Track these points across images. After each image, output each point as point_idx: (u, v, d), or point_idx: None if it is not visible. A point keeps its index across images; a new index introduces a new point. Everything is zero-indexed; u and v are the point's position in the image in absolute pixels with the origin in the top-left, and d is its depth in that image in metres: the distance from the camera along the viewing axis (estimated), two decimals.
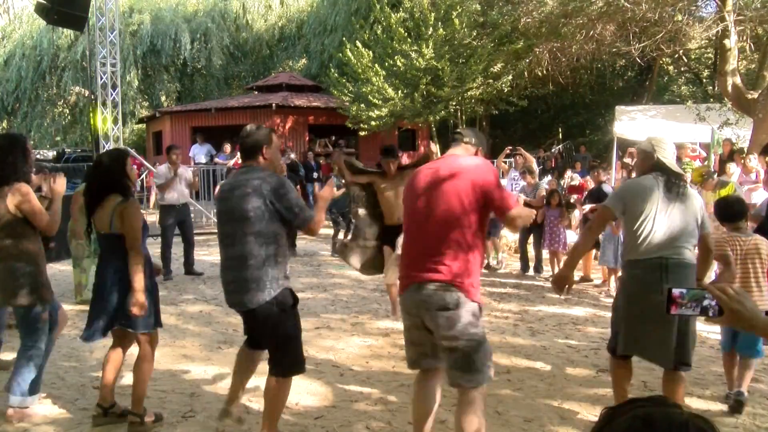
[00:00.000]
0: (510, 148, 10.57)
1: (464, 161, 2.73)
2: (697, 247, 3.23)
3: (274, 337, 2.89)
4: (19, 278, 3.36)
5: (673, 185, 3.09)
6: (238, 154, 14.87)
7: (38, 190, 4.72)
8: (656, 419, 0.93)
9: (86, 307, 6.21)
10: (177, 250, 7.98)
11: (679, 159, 10.07)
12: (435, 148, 14.26)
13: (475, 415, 2.59)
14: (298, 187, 10.92)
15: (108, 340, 3.50)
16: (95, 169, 3.39)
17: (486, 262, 8.55)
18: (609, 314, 5.81)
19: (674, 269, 3.00)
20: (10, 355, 4.47)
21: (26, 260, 3.39)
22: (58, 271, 7.92)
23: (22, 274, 3.36)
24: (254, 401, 3.72)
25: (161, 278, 7.68)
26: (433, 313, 2.58)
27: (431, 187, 2.66)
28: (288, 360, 2.90)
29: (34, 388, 3.44)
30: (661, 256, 3.02)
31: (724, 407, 3.59)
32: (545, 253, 8.02)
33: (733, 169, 7.37)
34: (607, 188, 7.50)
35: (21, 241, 3.38)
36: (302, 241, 11.51)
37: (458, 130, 3.07)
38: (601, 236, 6.97)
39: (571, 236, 7.90)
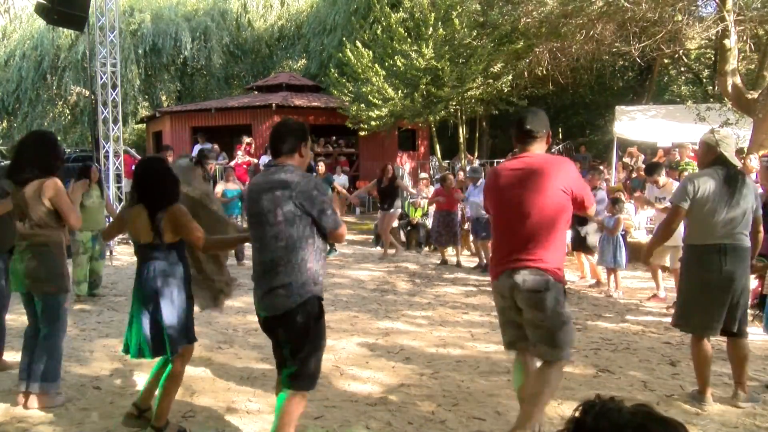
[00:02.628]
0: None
1: (549, 161, 2.98)
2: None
3: (296, 346, 2.73)
4: (44, 266, 3.52)
5: (733, 178, 3.43)
6: (239, 154, 14.89)
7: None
8: (649, 427, 0.96)
9: (84, 306, 6.22)
10: None
11: (679, 159, 10.10)
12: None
13: (548, 386, 2.90)
14: None
15: (110, 340, 3.49)
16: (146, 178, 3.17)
17: (484, 263, 8.59)
18: (608, 314, 5.82)
19: (731, 253, 3.41)
20: (8, 356, 4.47)
21: (54, 250, 3.58)
22: None
23: (49, 263, 3.54)
24: (254, 401, 3.72)
25: None
26: (525, 294, 2.88)
27: (522, 186, 2.90)
28: (307, 373, 2.75)
29: (55, 375, 3.57)
30: (721, 242, 3.41)
31: (724, 407, 3.59)
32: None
33: None
34: (601, 194, 7.30)
35: (52, 232, 3.57)
36: None
37: (528, 126, 2.99)
38: (598, 237, 6.97)
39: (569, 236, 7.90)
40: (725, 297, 3.42)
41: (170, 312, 3.05)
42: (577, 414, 1.03)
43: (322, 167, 9.86)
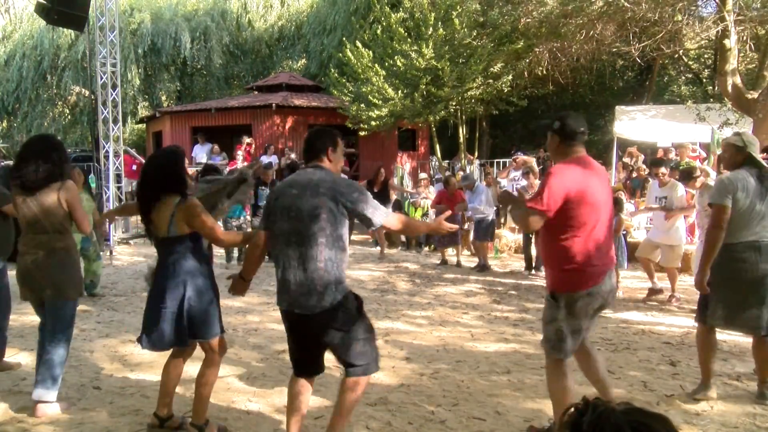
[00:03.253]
0: (515, 158, 10.65)
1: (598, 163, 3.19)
2: None
3: (342, 340, 2.78)
4: (67, 272, 3.50)
5: (765, 178, 3.58)
6: (240, 154, 14.85)
7: None
8: (649, 424, 0.97)
9: (84, 306, 6.22)
10: None
11: (679, 159, 10.10)
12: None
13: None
14: None
15: (110, 340, 3.50)
16: (151, 170, 3.19)
17: (481, 263, 8.59)
18: (609, 314, 5.82)
19: (766, 250, 3.54)
20: (8, 356, 4.47)
21: (73, 254, 3.59)
22: None
23: (70, 268, 3.53)
24: (254, 401, 3.72)
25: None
26: (614, 293, 3.10)
27: (601, 185, 3.01)
28: (365, 358, 2.81)
29: (57, 382, 3.51)
30: (756, 240, 3.54)
31: (725, 407, 3.59)
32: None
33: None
34: None
35: (67, 236, 3.55)
36: None
37: (582, 128, 3.06)
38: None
39: None
40: (757, 294, 3.50)
41: (196, 303, 3.04)
42: (569, 418, 1.04)
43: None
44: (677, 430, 1.01)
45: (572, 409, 1.05)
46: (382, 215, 2.85)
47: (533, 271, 8.16)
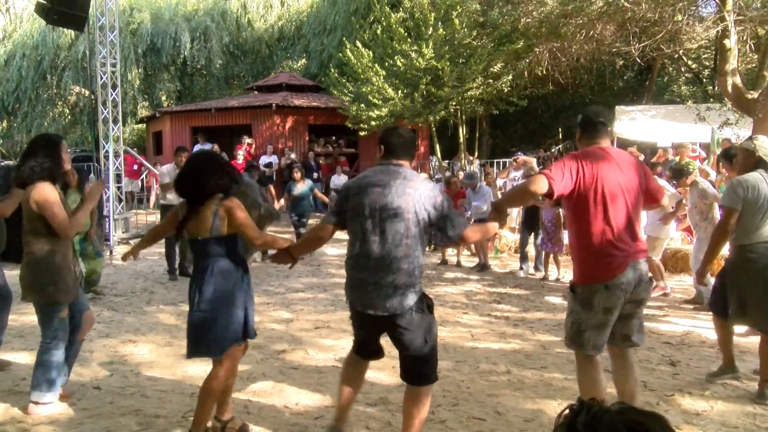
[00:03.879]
0: (515, 158, 10.67)
1: (628, 154, 3.17)
2: None
3: (413, 343, 2.78)
4: (39, 276, 3.46)
5: None
6: (240, 153, 14.84)
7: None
8: (643, 422, 0.98)
9: None
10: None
11: (679, 159, 10.10)
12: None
13: (637, 374, 3.19)
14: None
15: (110, 340, 3.49)
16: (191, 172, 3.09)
17: (480, 263, 8.60)
18: None
19: None
20: (8, 356, 4.47)
21: (49, 259, 3.49)
22: None
23: (42, 273, 3.46)
24: (254, 401, 3.72)
25: (168, 278, 7.71)
26: (647, 284, 2.99)
27: (623, 176, 2.93)
28: (428, 367, 2.83)
29: (53, 385, 3.48)
30: None
31: (725, 407, 3.59)
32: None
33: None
34: None
35: (41, 240, 3.46)
36: None
37: (601, 118, 3.09)
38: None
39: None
40: None
41: (226, 312, 2.98)
42: (564, 420, 1.04)
43: (298, 174, 9.58)
44: (673, 429, 1.01)
45: (567, 411, 1.05)
46: (462, 228, 2.84)
47: (531, 271, 8.17)
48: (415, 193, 2.73)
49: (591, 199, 2.89)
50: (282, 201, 9.86)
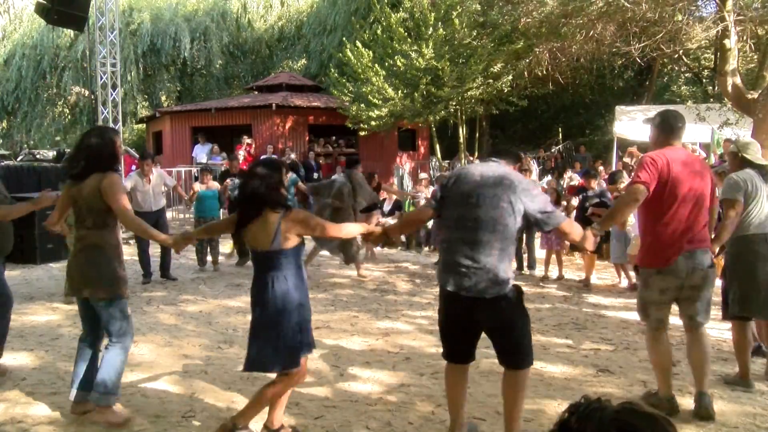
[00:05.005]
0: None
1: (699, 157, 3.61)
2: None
3: (507, 329, 2.93)
4: (106, 269, 3.34)
5: (765, 175, 3.99)
6: (240, 153, 14.80)
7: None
8: (632, 421, 0.97)
9: None
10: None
11: None
12: None
13: (707, 348, 3.49)
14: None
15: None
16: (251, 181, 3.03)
17: None
18: (609, 314, 5.82)
19: None
20: (8, 356, 4.47)
21: (108, 252, 3.40)
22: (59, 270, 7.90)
23: (104, 267, 3.34)
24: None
25: (141, 281, 7.55)
26: (703, 272, 3.35)
27: (690, 176, 3.31)
28: (522, 352, 2.96)
29: (110, 387, 3.32)
30: (764, 231, 3.90)
31: (724, 408, 3.58)
32: (542, 253, 8.04)
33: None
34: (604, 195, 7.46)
35: (103, 230, 3.40)
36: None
37: (680, 123, 3.45)
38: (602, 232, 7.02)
39: None
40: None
41: (292, 326, 2.94)
42: (562, 417, 1.05)
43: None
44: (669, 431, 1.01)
45: (568, 408, 1.05)
46: (558, 219, 3.00)
47: (527, 271, 8.21)
48: (512, 185, 2.90)
49: (660, 195, 3.29)
50: None
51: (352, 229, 3.49)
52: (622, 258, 7.02)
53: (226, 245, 9.12)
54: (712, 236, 3.73)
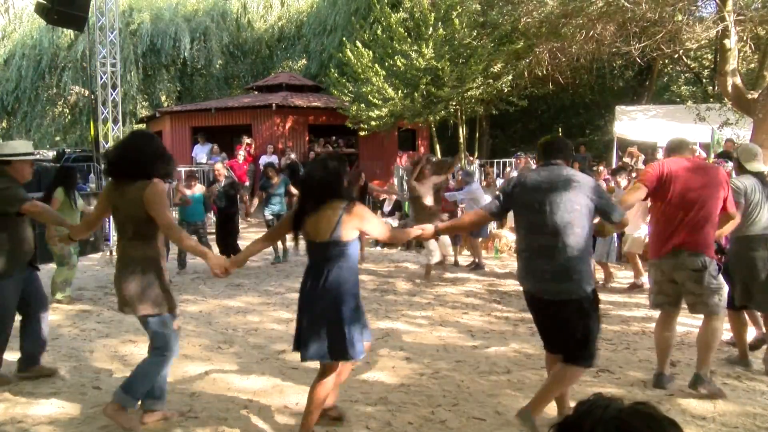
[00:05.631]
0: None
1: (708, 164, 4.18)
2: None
3: (578, 329, 3.03)
4: (154, 285, 3.20)
5: (764, 181, 4.26)
6: (240, 153, 14.78)
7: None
8: (627, 421, 0.97)
9: (84, 306, 6.22)
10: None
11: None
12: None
13: (718, 332, 3.75)
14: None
15: (110, 340, 3.49)
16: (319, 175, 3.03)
17: (475, 261, 8.62)
18: (608, 314, 5.82)
19: None
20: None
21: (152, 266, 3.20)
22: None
23: (155, 281, 3.19)
24: (254, 401, 3.72)
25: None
26: (690, 272, 3.67)
27: (695, 183, 3.67)
28: (587, 352, 3.06)
29: (130, 394, 3.23)
30: (764, 233, 4.16)
31: (724, 408, 3.59)
32: None
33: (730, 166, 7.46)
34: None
35: (148, 242, 3.22)
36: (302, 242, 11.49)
37: (685, 144, 3.96)
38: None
39: None
40: None
41: (352, 315, 2.96)
42: (571, 412, 1.05)
43: (273, 172, 9.33)
44: None
45: (578, 402, 1.06)
46: (622, 213, 3.20)
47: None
48: (580, 186, 3.06)
49: (664, 196, 3.70)
50: (255, 200, 9.77)
51: (404, 234, 3.47)
52: (605, 257, 7.31)
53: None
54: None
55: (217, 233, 8.63)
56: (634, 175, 11.71)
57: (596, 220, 3.31)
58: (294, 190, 9.41)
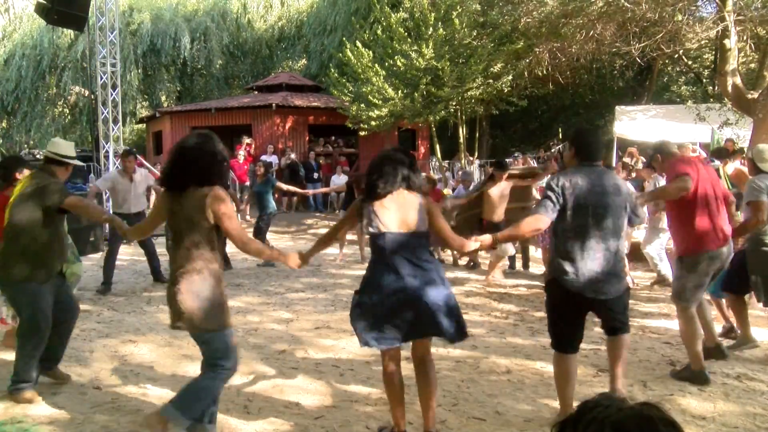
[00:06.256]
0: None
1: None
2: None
3: (624, 314, 3.36)
4: (214, 299, 2.98)
5: None
6: (241, 153, 14.79)
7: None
8: (624, 422, 0.96)
9: (84, 306, 6.22)
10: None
11: None
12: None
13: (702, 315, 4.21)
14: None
15: (110, 340, 3.49)
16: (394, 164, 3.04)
17: (470, 260, 8.65)
18: None
19: None
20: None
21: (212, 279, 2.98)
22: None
23: (215, 294, 2.99)
24: (254, 401, 3.72)
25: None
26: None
27: (709, 182, 4.04)
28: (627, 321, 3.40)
29: (182, 410, 2.99)
30: None
31: (724, 408, 3.59)
32: (540, 252, 8.08)
33: (730, 167, 7.44)
34: None
35: (209, 253, 2.98)
36: (302, 242, 11.50)
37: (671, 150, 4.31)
38: None
39: None
40: None
41: (449, 295, 3.03)
42: (560, 418, 1.05)
43: (260, 169, 9.19)
44: None
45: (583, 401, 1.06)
46: (640, 216, 3.52)
47: (522, 270, 8.29)
48: (626, 192, 3.32)
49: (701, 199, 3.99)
50: (245, 201, 9.71)
51: (460, 242, 3.40)
52: None
53: None
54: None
55: None
56: (633, 175, 11.73)
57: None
58: (283, 187, 9.45)
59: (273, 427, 3.37)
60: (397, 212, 2.97)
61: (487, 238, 3.44)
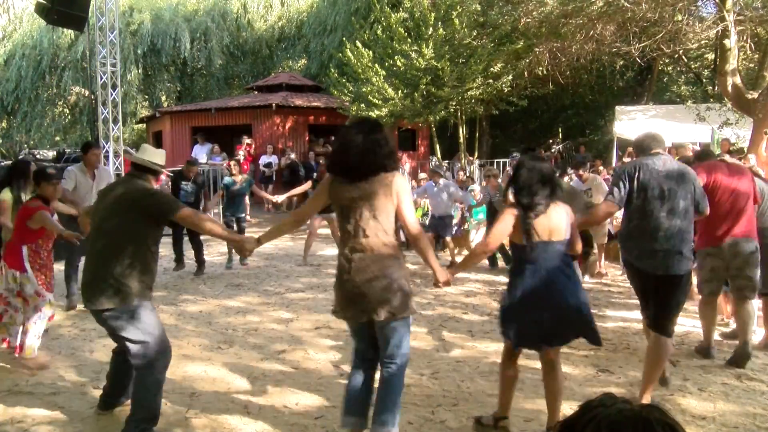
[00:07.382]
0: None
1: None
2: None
3: (675, 301, 3.51)
4: (401, 284, 2.95)
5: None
6: (241, 153, 14.77)
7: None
8: (620, 423, 0.96)
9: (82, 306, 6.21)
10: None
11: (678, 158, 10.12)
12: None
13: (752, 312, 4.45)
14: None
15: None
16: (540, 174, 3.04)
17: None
18: (608, 314, 5.82)
19: None
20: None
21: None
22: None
23: (401, 279, 2.95)
24: (254, 401, 3.72)
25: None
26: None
27: (736, 183, 4.30)
28: (673, 322, 3.56)
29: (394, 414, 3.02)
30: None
31: (724, 408, 3.59)
32: None
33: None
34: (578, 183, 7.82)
35: (391, 239, 2.96)
36: (301, 242, 11.50)
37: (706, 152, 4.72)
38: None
39: None
40: None
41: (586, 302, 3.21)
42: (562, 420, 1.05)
43: (235, 168, 8.81)
44: None
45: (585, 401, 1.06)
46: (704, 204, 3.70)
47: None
48: (691, 177, 3.52)
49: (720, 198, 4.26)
50: (216, 198, 9.31)
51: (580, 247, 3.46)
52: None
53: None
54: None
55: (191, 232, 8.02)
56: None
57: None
58: (258, 191, 9.43)
59: (273, 427, 3.37)
60: (552, 221, 3.05)
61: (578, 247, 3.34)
